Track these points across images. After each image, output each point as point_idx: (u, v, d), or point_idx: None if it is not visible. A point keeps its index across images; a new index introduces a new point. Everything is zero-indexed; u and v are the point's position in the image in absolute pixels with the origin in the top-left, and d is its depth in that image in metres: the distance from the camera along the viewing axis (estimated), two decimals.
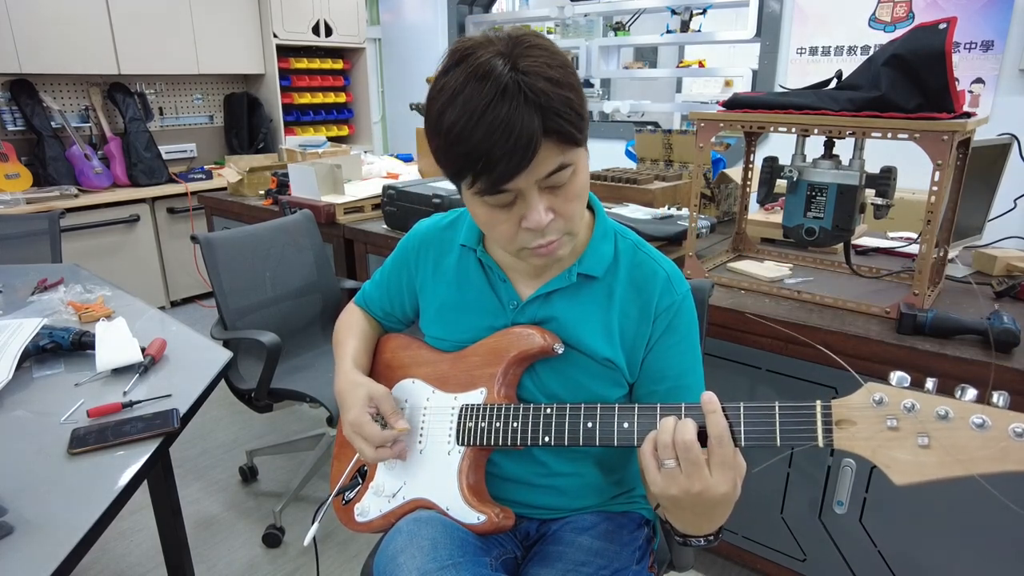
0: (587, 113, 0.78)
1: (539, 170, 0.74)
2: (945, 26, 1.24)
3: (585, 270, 0.91)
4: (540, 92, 0.70)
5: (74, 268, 1.89)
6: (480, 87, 0.70)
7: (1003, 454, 0.56)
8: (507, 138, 0.70)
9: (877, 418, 0.63)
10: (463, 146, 0.72)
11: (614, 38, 4.00)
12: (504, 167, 0.72)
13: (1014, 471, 0.56)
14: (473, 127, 0.70)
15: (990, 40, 2.65)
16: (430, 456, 0.95)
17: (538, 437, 0.84)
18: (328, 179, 2.48)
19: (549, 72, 0.72)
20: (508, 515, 0.90)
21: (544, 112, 0.71)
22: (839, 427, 0.65)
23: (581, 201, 0.83)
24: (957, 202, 1.46)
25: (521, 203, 0.78)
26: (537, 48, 0.74)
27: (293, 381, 1.85)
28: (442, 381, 0.98)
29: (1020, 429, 0.55)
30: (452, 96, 0.72)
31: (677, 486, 0.70)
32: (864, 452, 0.63)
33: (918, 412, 0.61)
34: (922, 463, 0.59)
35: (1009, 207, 1.71)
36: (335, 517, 1.07)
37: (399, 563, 0.81)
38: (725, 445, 0.69)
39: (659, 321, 0.91)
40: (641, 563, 0.97)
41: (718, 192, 2.24)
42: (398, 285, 1.10)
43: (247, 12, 3.99)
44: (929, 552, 1.38)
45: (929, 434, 0.59)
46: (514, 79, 0.70)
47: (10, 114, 3.34)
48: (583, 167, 0.81)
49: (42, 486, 0.90)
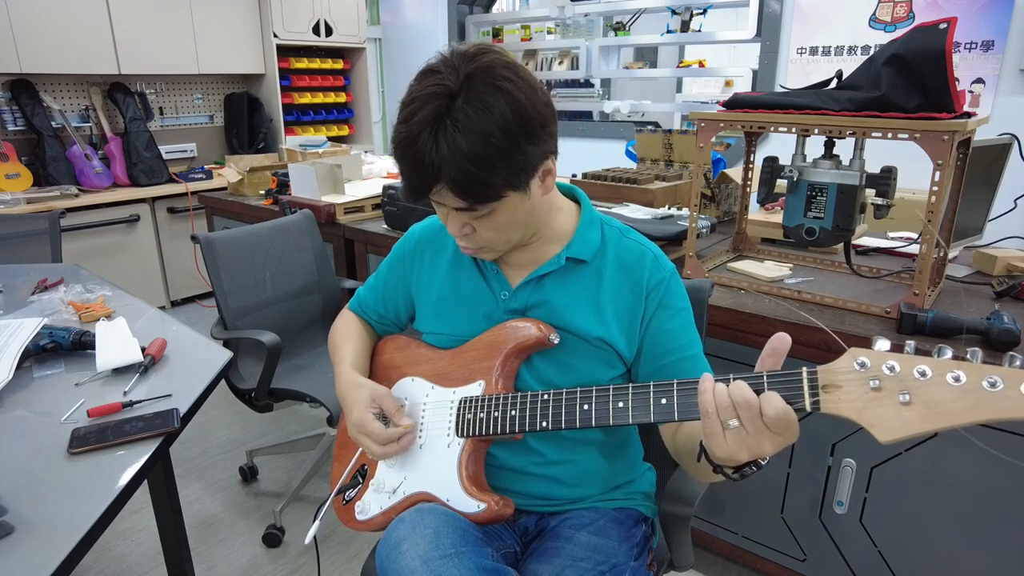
0: (508, 174, 0.81)
1: (446, 200, 0.83)
2: (945, 26, 1.24)
3: (574, 254, 0.96)
4: (440, 152, 0.78)
5: (74, 268, 1.89)
6: (415, 112, 0.80)
7: (977, 404, 0.59)
8: (414, 168, 0.81)
9: (861, 380, 0.65)
10: (394, 153, 0.84)
11: (614, 38, 4.00)
12: (413, 188, 0.84)
13: (988, 420, 0.58)
14: (398, 147, 0.83)
15: (990, 40, 2.65)
16: (430, 450, 0.96)
17: (536, 422, 0.87)
18: (328, 179, 2.48)
19: (459, 141, 0.78)
20: (507, 503, 0.92)
21: (437, 172, 0.80)
22: (825, 391, 0.67)
23: (503, 231, 0.89)
24: (957, 202, 1.46)
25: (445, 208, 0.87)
26: (478, 100, 0.78)
27: (293, 381, 1.85)
28: (441, 377, 1.00)
29: (992, 380, 0.58)
30: (402, 113, 0.83)
31: (746, 447, 0.68)
32: (850, 414, 0.65)
33: (899, 372, 0.63)
34: (904, 419, 0.62)
35: (1009, 207, 1.71)
36: (336, 517, 1.07)
37: (402, 551, 0.82)
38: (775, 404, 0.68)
39: (651, 297, 0.95)
40: (639, 559, 0.98)
41: (718, 192, 2.24)
42: (393, 287, 1.12)
43: (247, 12, 3.99)
44: (929, 552, 1.38)
45: (910, 392, 0.62)
46: (431, 131, 0.79)
47: (10, 114, 3.34)
48: (508, 209, 0.85)
49: (42, 486, 0.90)
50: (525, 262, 0.98)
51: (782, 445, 0.68)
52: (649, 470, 1.14)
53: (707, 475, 0.80)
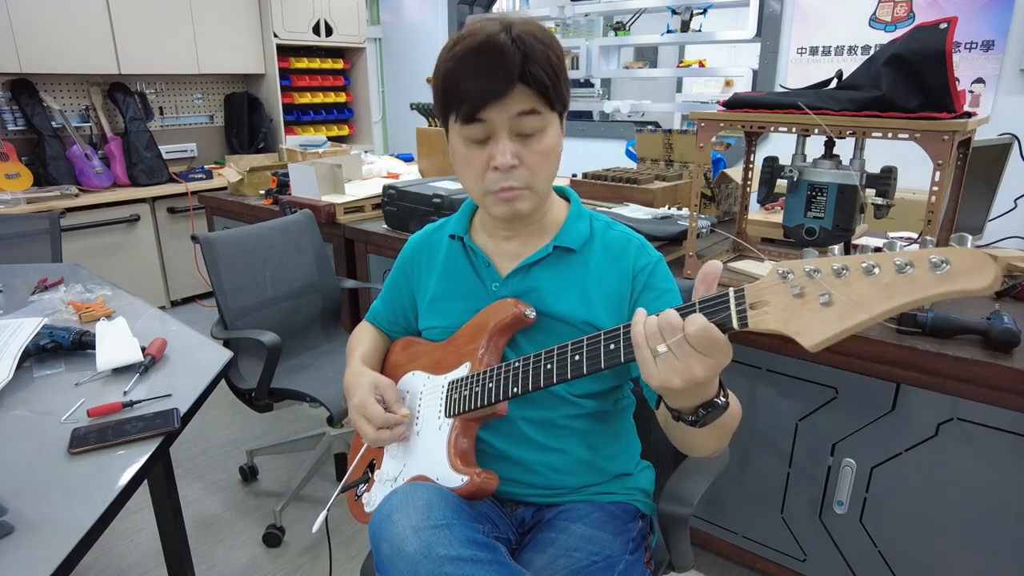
0: (565, 85, 0.90)
1: (512, 107, 0.86)
2: (946, 26, 1.24)
3: (562, 243, 0.99)
4: (525, 43, 0.84)
5: (74, 268, 1.89)
6: (475, 39, 0.85)
7: (890, 291, 0.57)
8: (489, 70, 0.84)
9: (785, 291, 0.64)
10: (454, 74, 0.87)
11: (614, 38, 4.00)
12: (479, 95, 0.85)
13: (905, 305, 0.56)
14: (464, 61, 0.86)
15: (990, 40, 2.65)
16: (424, 435, 1.00)
17: (508, 388, 0.90)
18: (328, 179, 2.48)
19: (539, 35, 0.87)
20: (491, 477, 0.93)
21: (525, 58, 0.84)
22: (752, 309, 0.66)
23: (547, 159, 0.92)
24: (957, 202, 1.46)
25: (492, 144, 0.89)
26: (532, 25, 0.88)
27: (293, 381, 1.85)
28: (436, 367, 1.04)
29: (901, 262, 0.56)
30: (452, 46, 0.88)
31: (677, 373, 0.69)
32: (777, 327, 0.64)
33: (820, 275, 0.61)
34: (825, 320, 0.60)
35: (1009, 207, 1.71)
36: (339, 516, 1.08)
37: (393, 520, 0.83)
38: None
39: (637, 279, 0.98)
40: (634, 554, 0.98)
41: (718, 192, 2.24)
42: (399, 295, 1.17)
43: (247, 12, 3.99)
44: (930, 552, 1.38)
45: (829, 292, 0.60)
46: (506, 35, 0.85)
47: (10, 114, 3.34)
48: (554, 131, 0.92)
49: (42, 486, 0.90)
50: (516, 253, 1.02)
51: (713, 368, 0.68)
52: (648, 468, 1.15)
53: (677, 430, 0.82)
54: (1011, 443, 1.24)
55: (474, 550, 0.80)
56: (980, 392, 1.23)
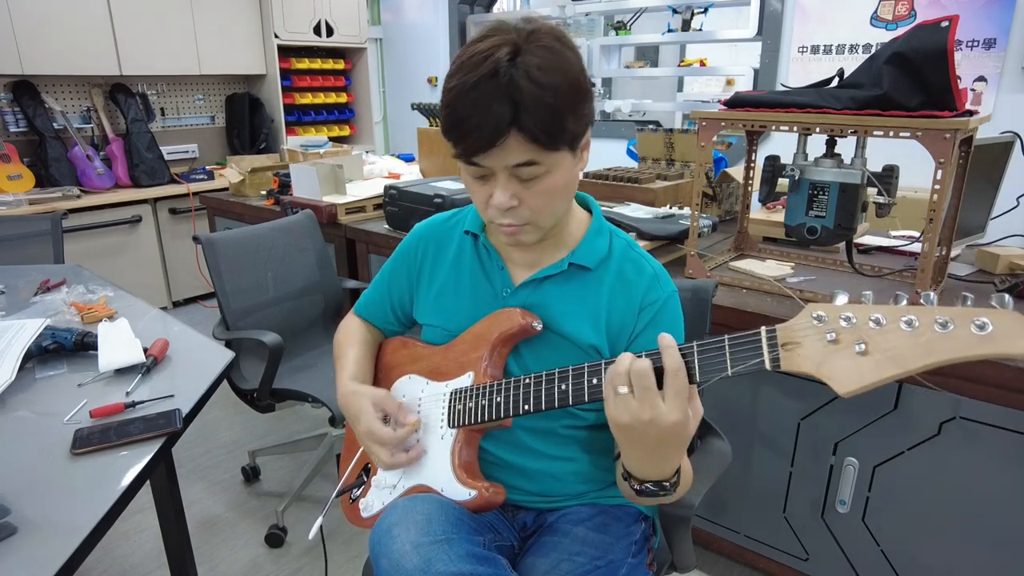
0: (575, 123, 0.82)
1: (507, 157, 0.81)
2: (947, 24, 1.24)
3: (578, 260, 0.96)
4: (519, 88, 0.76)
5: (76, 269, 1.89)
6: (478, 66, 0.78)
7: (930, 348, 0.57)
8: (480, 118, 0.78)
9: (818, 335, 0.64)
10: (450, 112, 0.81)
11: (615, 37, 4.00)
12: (473, 143, 0.80)
13: (943, 362, 0.57)
14: (461, 98, 0.79)
15: (992, 38, 2.64)
16: (425, 444, 0.98)
17: (519, 406, 0.88)
18: (330, 179, 2.48)
19: (538, 75, 0.77)
20: (499, 491, 0.92)
21: (516, 107, 0.77)
22: (785, 350, 0.66)
23: (551, 199, 0.87)
24: (959, 200, 1.46)
25: (492, 181, 0.85)
26: (545, 49, 0.79)
27: (295, 381, 1.85)
28: (435, 372, 1.02)
29: (942, 320, 0.57)
30: (460, 66, 0.81)
31: (629, 412, 0.72)
32: (809, 369, 0.64)
33: (855, 323, 0.62)
34: (861, 368, 0.61)
35: (1012, 205, 1.70)
36: (339, 517, 1.08)
37: (393, 535, 0.82)
38: (680, 377, 0.71)
39: (644, 313, 0.95)
40: (637, 557, 0.97)
41: (720, 191, 2.24)
42: (398, 284, 1.12)
43: (248, 12, 3.99)
44: (932, 551, 1.38)
45: (865, 341, 0.61)
46: (506, 69, 0.77)
47: (12, 115, 3.34)
48: (562, 170, 0.85)
49: (45, 486, 0.90)
50: (531, 261, 0.99)
51: (667, 420, 0.71)
52: None
53: (623, 488, 0.87)
54: (1014, 442, 1.23)
55: (474, 565, 0.80)
56: (983, 391, 1.22)
